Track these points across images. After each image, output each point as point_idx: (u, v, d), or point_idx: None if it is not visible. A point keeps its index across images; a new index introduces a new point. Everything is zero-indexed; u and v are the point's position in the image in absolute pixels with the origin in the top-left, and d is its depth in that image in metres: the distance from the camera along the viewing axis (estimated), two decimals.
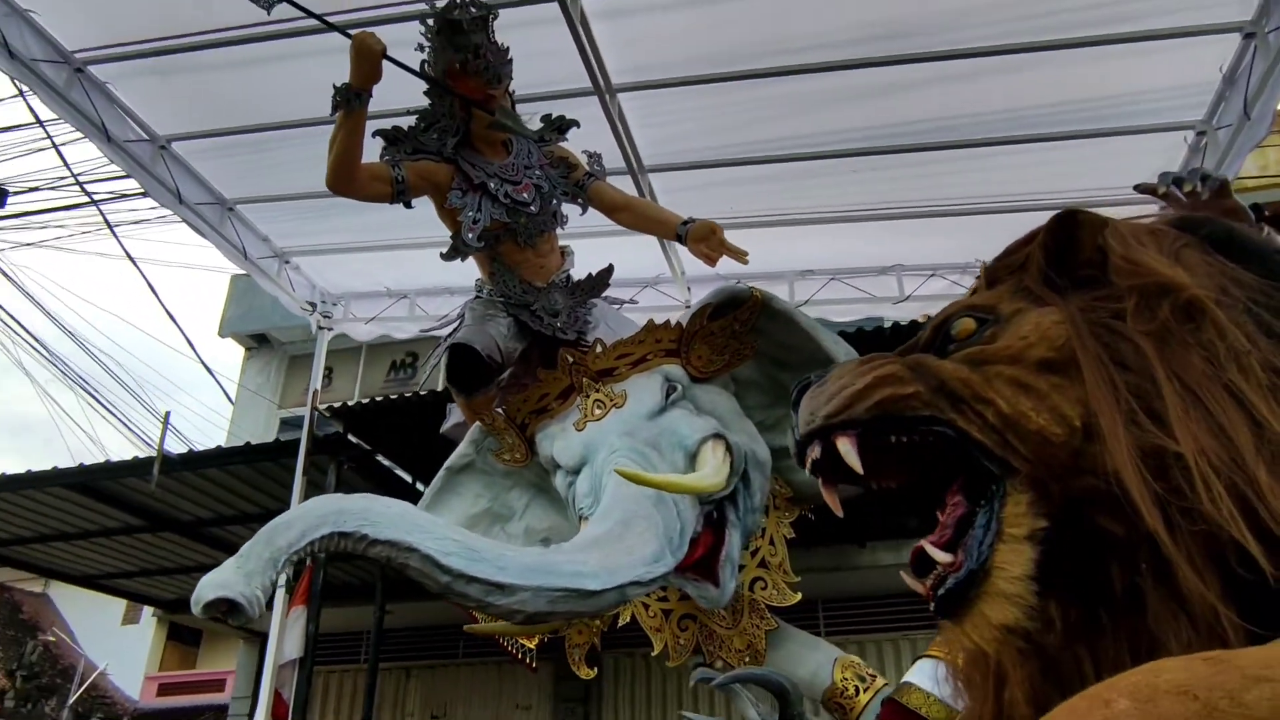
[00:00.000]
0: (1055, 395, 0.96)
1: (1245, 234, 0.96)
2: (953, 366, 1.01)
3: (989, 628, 0.93)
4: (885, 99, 3.87)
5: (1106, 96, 3.67)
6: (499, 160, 3.22)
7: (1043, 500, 0.96)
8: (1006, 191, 4.22)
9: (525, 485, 3.00)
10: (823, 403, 1.04)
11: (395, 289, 5.54)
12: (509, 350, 3.30)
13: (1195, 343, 0.88)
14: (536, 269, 3.40)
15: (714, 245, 3.11)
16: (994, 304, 1.06)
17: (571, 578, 1.90)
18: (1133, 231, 0.99)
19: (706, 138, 4.13)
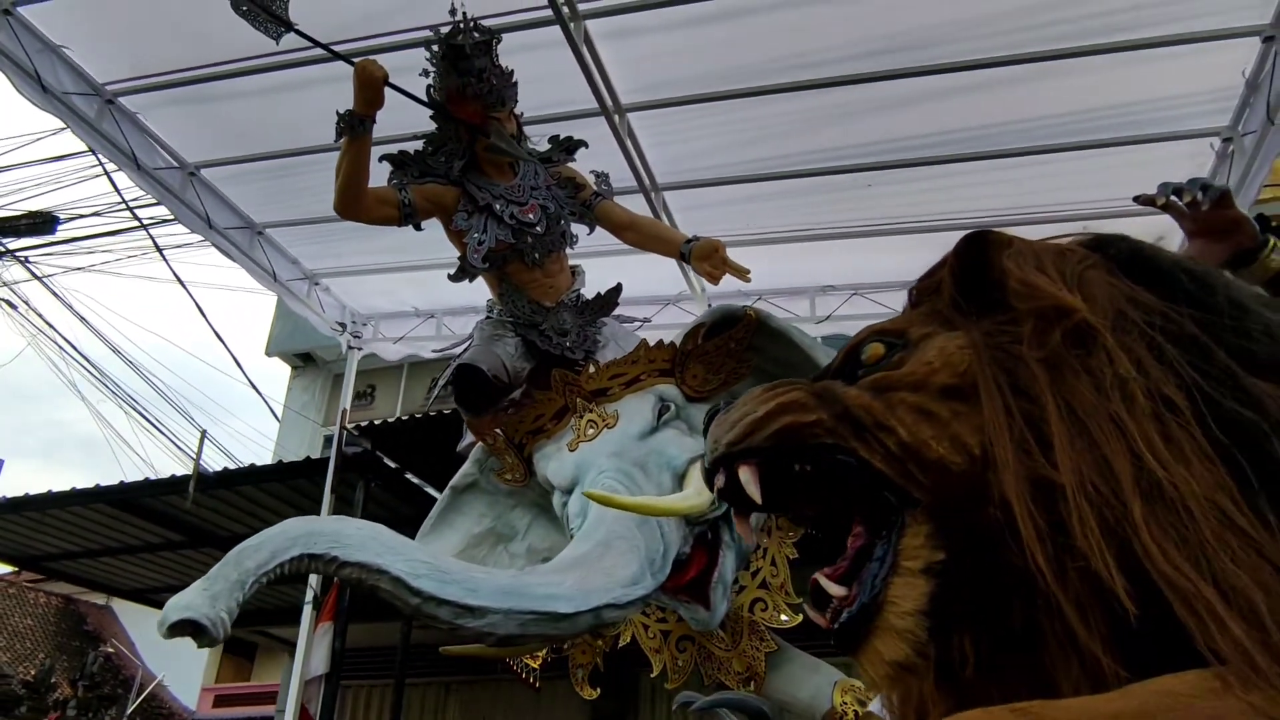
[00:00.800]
0: (957, 423, 0.93)
1: (1153, 253, 0.93)
2: (856, 393, 0.99)
3: (881, 664, 0.90)
4: (901, 112, 3.83)
5: (1129, 104, 3.57)
6: (505, 182, 3.26)
7: (943, 532, 0.93)
8: (1030, 203, 4.13)
9: (528, 505, 3.01)
10: (725, 431, 1.02)
11: (423, 309, 5.62)
12: (516, 370, 3.32)
13: (1084, 369, 0.84)
14: (545, 289, 3.42)
15: (716, 263, 3.10)
16: (904, 328, 1.03)
17: (543, 600, 1.90)
18: (1038, 252, 0.96)
19: (721, 155, 4.12)
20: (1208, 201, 1.98)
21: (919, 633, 0.89)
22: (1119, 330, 0.85)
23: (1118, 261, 0.94)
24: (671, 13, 3.35)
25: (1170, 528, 0.73)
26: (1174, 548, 0.72)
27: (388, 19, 3.45)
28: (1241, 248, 2.02)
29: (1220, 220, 2.00)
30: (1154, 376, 0.80)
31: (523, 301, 3.38)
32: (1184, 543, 0.72)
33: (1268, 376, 0.79)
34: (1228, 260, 2.06)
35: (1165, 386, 0.80)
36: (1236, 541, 0.70)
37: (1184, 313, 0.85)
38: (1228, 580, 0.68)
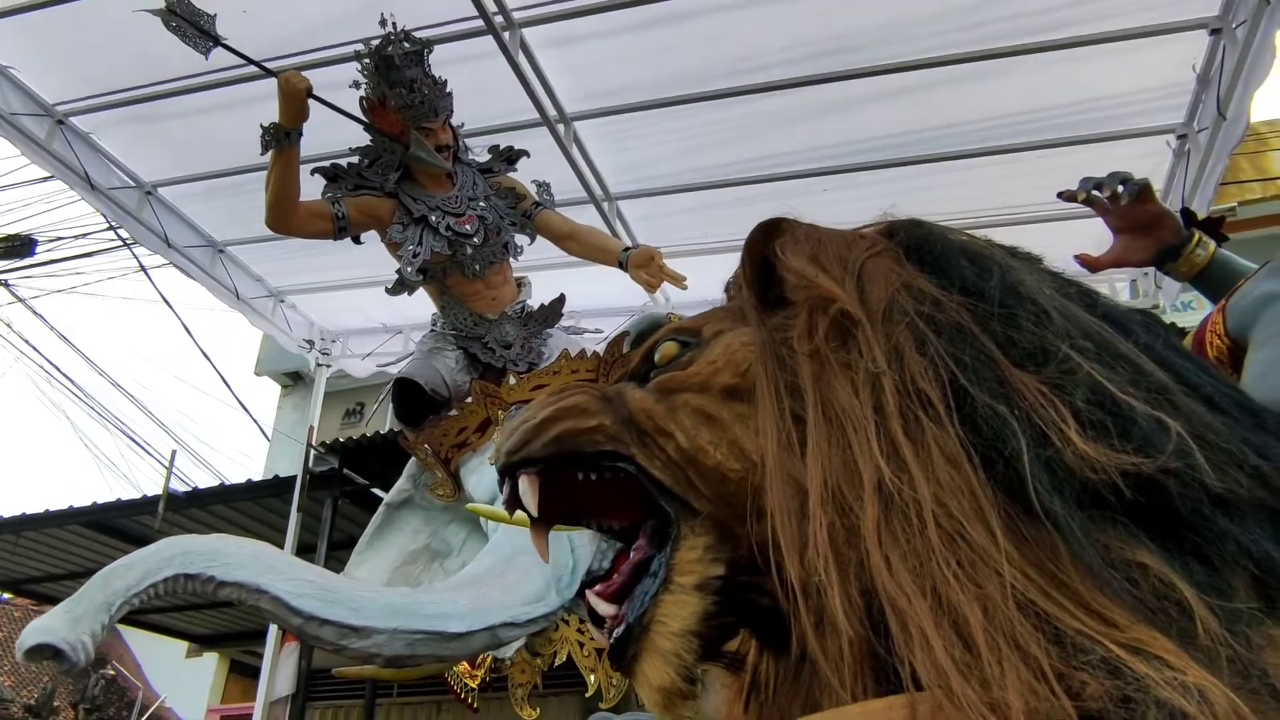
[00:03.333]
0: (738, 427, 0.87)
1: (936, 239, 0.86)
2: (640, 396, 0.92)
3: (649, 689, 0.83)
4: (853, 114, 3.77)
5: (1084, 101, 3.50)
6: (442, 193, 3.21)
7: (725, 543, 0.86)
8: (988, 206, 4.05)
9: (463, 521, 2.95)
10: (505, 438, 0.96)
11: (391, 324, 5.57)
12: (457, 384, 3.27)
13: (844, 364, 0.78)
14: (488, 301, 3.37)
15: (653, 271, 3.05)
16: (699, 326, 0.97)
17: (434, 619, 1.83)
18: (820, 240, 0.89)
19: (674, 162, 4.06)
20: (1127, 196, 1.90)
21: (686, 655, 0.82)
22: (888, 321, 0.79)
23: (905, 248, 0.87)
24: (611, 18, 3.31)
25: (900, 537, 0.66)
26: (900, 559, 0.65)
27: (323, 33, 3.42)
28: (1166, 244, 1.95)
29: (1143, 215, 1.93)
30: (910, 370, 0.73)
31: (464, 314, 3.33)
32: (911, 554, 0.64)
33: (1029, 366, 0.72)
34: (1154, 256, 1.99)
35: (921, 380, 0.73)
36: (965, 553, 0.63)
37: (956, 300, 0.78)
38: (947, 596, 0.61)
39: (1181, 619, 0.59)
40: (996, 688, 0.55)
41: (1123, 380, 0.71)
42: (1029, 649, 0.56)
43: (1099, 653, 0.55)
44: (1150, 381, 0.73)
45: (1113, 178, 1.95)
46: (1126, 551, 0.62)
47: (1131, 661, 0.54)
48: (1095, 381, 0.70)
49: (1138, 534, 0.64)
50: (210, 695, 17.48)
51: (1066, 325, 0.75)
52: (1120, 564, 0.62)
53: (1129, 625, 0.57)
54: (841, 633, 0.68)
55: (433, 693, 7.30)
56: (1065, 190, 2.04)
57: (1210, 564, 0.65)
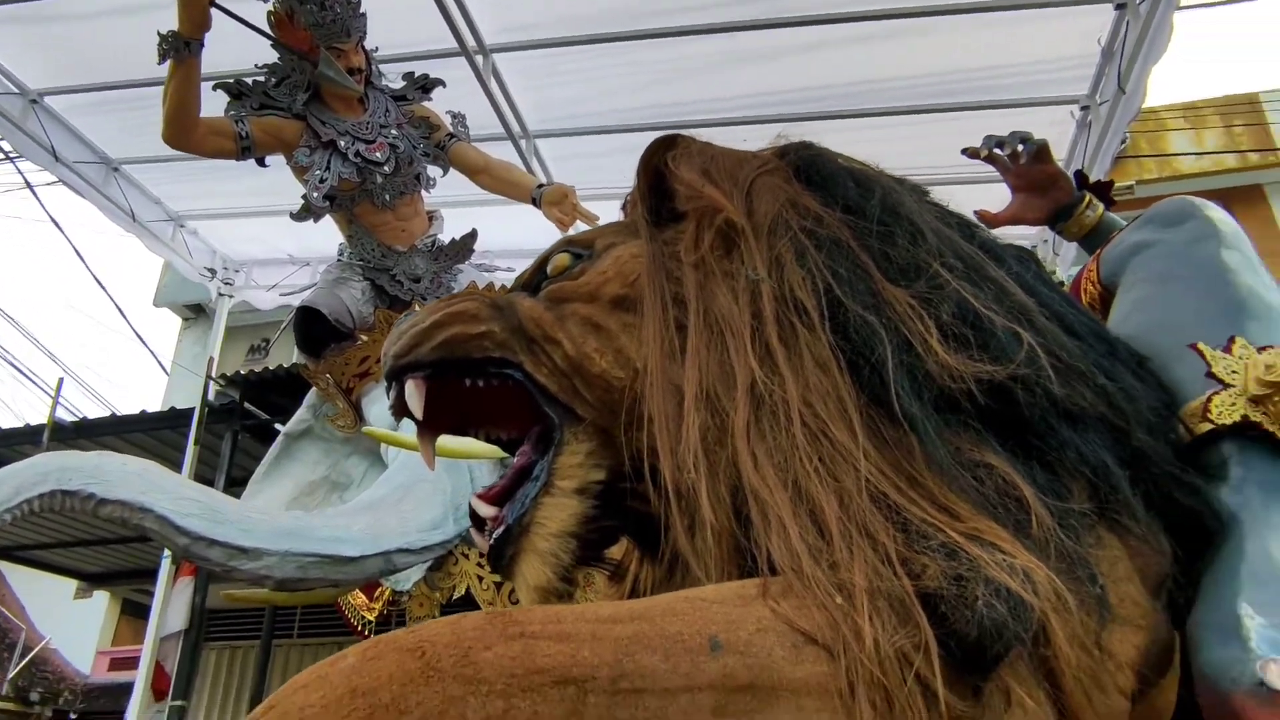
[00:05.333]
0: (624, 336, 0.88)
1: (825, 161, 0.88)
2: (531, 304, 0.92)
3: (526, 589, 0.85)
4: (775, 64, 3.77)
5: (995, 67, 3.59)
6: (353, 118, 3.11)
7: (607, 450, 0.88)
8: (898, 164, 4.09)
9: (364, 452, 2.91)
10: (394, 341, 0.95)
11: (299, 256, 5.39)
12: (363, 315, 3.20)
13: (726, 272, 0.79)
14: (397, 232, 3.29)
15: (566, 209, 3.02)
16: (592, 239, 0.97)
17: (327, 543, 1.82)
18: (713, 156, 0.90)
19: (596, 103, 4.01)
20: (1026, 155, 1.96)
21: (564, 556, 0.84)
22: (772, 233, 0.80)
23: (796, 168, 0.89)
24: None
25: (768, 435, 0.68)
26: (766, 455, 0.67)
27: None
28: (1060, 203, 2.02)
29: (1040, 175, 2.00)
30: (789, 279, 0.76)
31: (372, 244, 3.25)
32: (776, 450, 0.67)
33: (901, 281, 0.75)
34: (1048, 215, 2.06)
35: (799, 290, 0.75)
36: (827, 450, 0.66)
37: (838, 217, 0.80)
38: (806, 488, 0.64)
39: (1019, 513, 0.63)
40: (844, 570, 0.58)
41: (986, 298, 0.75)
42: (878, 536, 0.59)
43: (940, 539, 0.58)
44: (1013, 302, 0.77)
45: (1013, 136, 2.01)
46: (975, 453, 0.66)
47: (968, 546, 0.57)
48: (961, 297, 0.73)
49: (988, 438, 0.68)
50: (100, 637, 16.93)
51: (939, 245, 0.78)
52: (969, 464, 0.66)
53: (970, 516, 0.61)
54: (708, 524, 0.71)
55: (333, 633, 7.25)
56: (969, 147, 2.10)
57: (1052, 469, 0.69)
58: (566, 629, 0.52)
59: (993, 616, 0.53)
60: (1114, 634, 0.63)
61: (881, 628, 0.53)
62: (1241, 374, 0.88)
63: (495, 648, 0.49)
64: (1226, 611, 0.68)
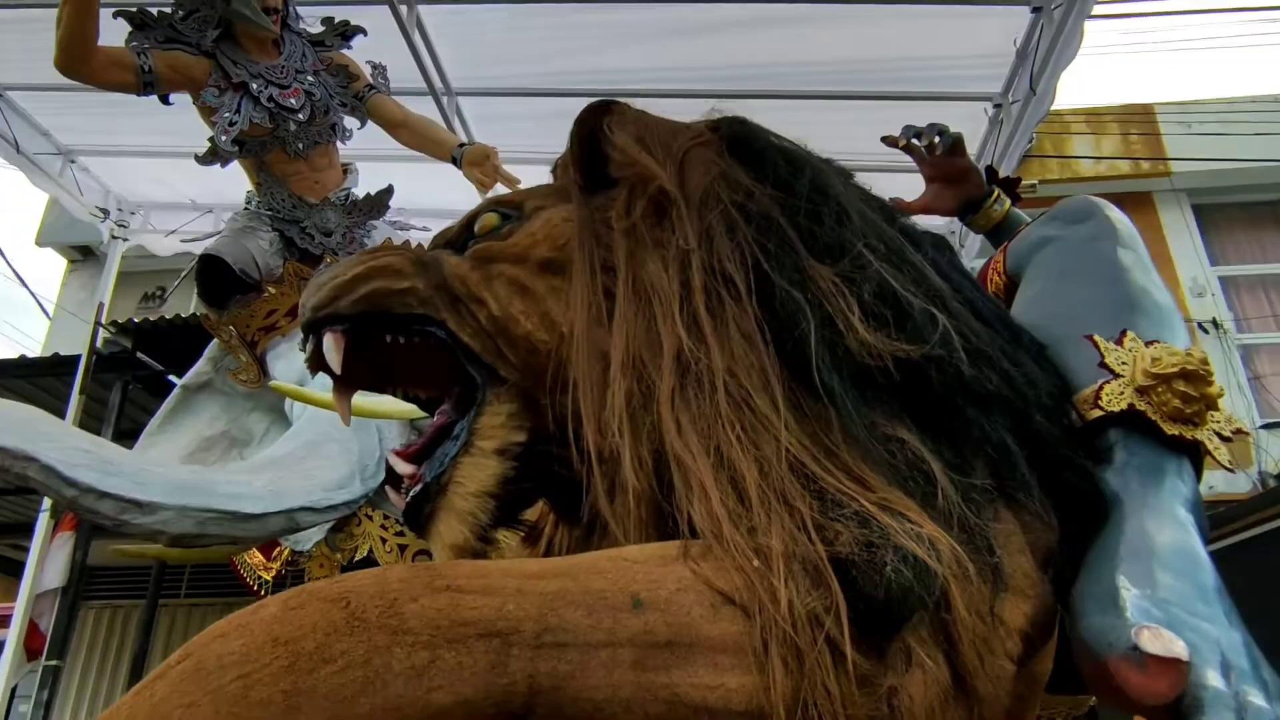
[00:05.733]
0: (551, 299, 0.88)
1: (759, 135, 0.89)
2: (457, 262, 0.91)
3: (443, 547, 0.84)
4: (705, 39, 3.78)
5: (914, 59, 3.68)
6: (267, 60, 2.98)
7: (529, 412, 0.88)
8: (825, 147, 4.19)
9: (266, 409, 2.82)
10: (312, 292, 0.93)
11: (202, 201, 5.15)
12: (270, 267, 3.09)
13: (657, 241, 0.80)
14: (310, 183, 3.18)
15: (488, 171, 2.98)
16: (522, 200, 0.97)
17: (227, 499, 1.76)
18: (648, 125, 0.91)
19: (523, 64, 3.94)
20: (942, 147, 2.03)
21: (481, 515, 0.84)
22: (703, 205, 0.82)
23: (729, 141, 0.90)
24: None
25: (692, 403, 0.69)
26: (689, 422, 0.68)
27: None
28: (970, 196, 2.10)
29: (953, 168, 2.06)
30: (718, 251, 0.77)
31: (283, 194, 3.14)
32: (700, 417, 0.69)
33: (826, 259, 0.77)
34: (958, 206, 2.13)
35: (727, 262, 0.76)
36: (749, 419, 0.67)
37: (768, 193, 0.82)
38: (728, 455, 0.66)
39: (927, 486, 0.66)
40: (762, 534, 0.60)
41: (906, 280, 0.78)
42: (795, 503, 0.62)
43: (854, 508, 0.61)
44: (929, 285, 0.80)
45: (931, 128, 2.07)
46: (889, 428, 0.69)
47: (879, 515, 0.60)
48: (882, 278, 0.76)
49: (901, 414, 0.71)
50: None
51: (864, 227, 0.80)
52: (882, 438, 0.68)
53: (882, 488, 0.64)
54: (630, 488, 0.72)
55: (223, 594, 7.04)
56: (888, 135, 2.16)
57: (958, 446, 0.73)
58: (493, 583, 0.53)
59: (900, 581, 0.56)
60: (1006, 603, 0.67)
61: (796, 590, 0.56)
62: (1130, 365, 0.93)
63: (421, 599, 0.49)
64: (1106, 583, 0.73)
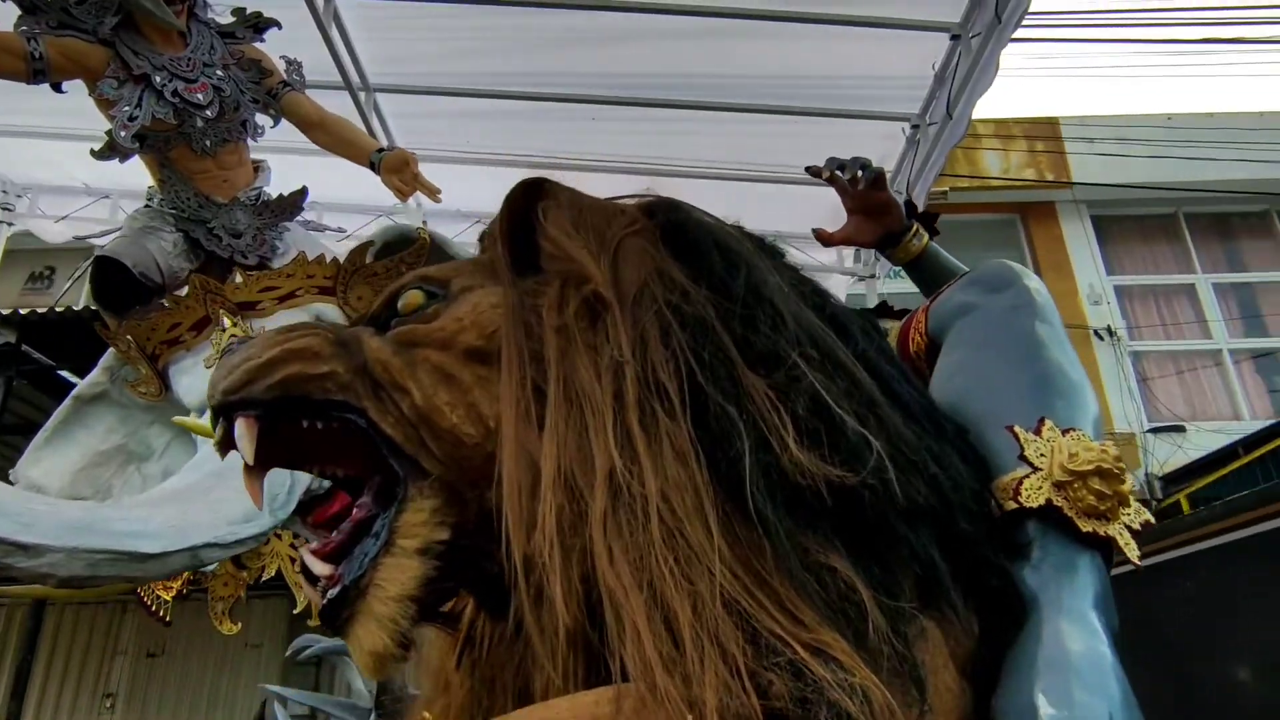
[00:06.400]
0: (478, 390, 0.85)
1: (693, 226, 0.88)
2: (379, 345, 0.87)
3: (360, 652, 0.81)
4: (630, 47, 3.75)
5: (837, 77, 3.73)
6: (172, 52, 2.82)
7: (453, 507, 0.84)
8: (748, 160, 4.24)
9: (167, 422, 2.68)
10: (224, 375, 0.87)
11: (96, 187, 4.88)
12: (173, 270, 2.94)
13: (591, 345, 0.78)
14: (218, 182, 3.03)
15: (407, 179, 2.89)
16: (449, 277, 0.93)
17: (123, 538, 1.67)
18: (583, 210, 0.88)
19: (444, 63, 3.85)
20: (864, 181, 2.06)
21: (402, 621, 0.80)
22: (638, 305, 0.80)
23: (663, 229, 0.88)
24: None
25: (625, 530, 0.68)
26: (622, 552, 0.67)
27: None
28: (890, 230, 2.13)
29: (875, 201, 2.09)
30: (653, 361, 0.75)
31: (188, 193, 2.98)
32: (633, 547, 0.67)
33: (761, 369, 0.77)
34: (878, 239, 2.17)
35: (661, 372, 0.75)
36: (683, 549, 0.66)
37: (703, 294, 0.81)
38: (662, 591, 0.64)
39: (858, 620, 0.66)
40: (696, 684, 0.59)
41: (839, 391, 0.78)
42: (729, 647, 0.61)
43: (787, 655, 0.60)
44: (861, 393, 0.80)
45: (854, 162, 2.10)
46: (822, 555, 0.69)
47: (813, 664, 0.60)
48: (816, 391, 0.75)
49: (833, 539, 0.71)
50: None
51: (798, 332, 0.80)
52: (815, 566, 0.68)
53: (815, 626, 0.63)
54: (559, 619, 0.70)
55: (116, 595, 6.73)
56: (812, 166, 2.18)
57: (887, 565, 0.73)
58: None
59: None
60: None
61: None
62: (1048, 457, 0.96)
63: None
64: (1024, 699, 0.75)
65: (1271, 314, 9.01)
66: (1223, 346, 8.86)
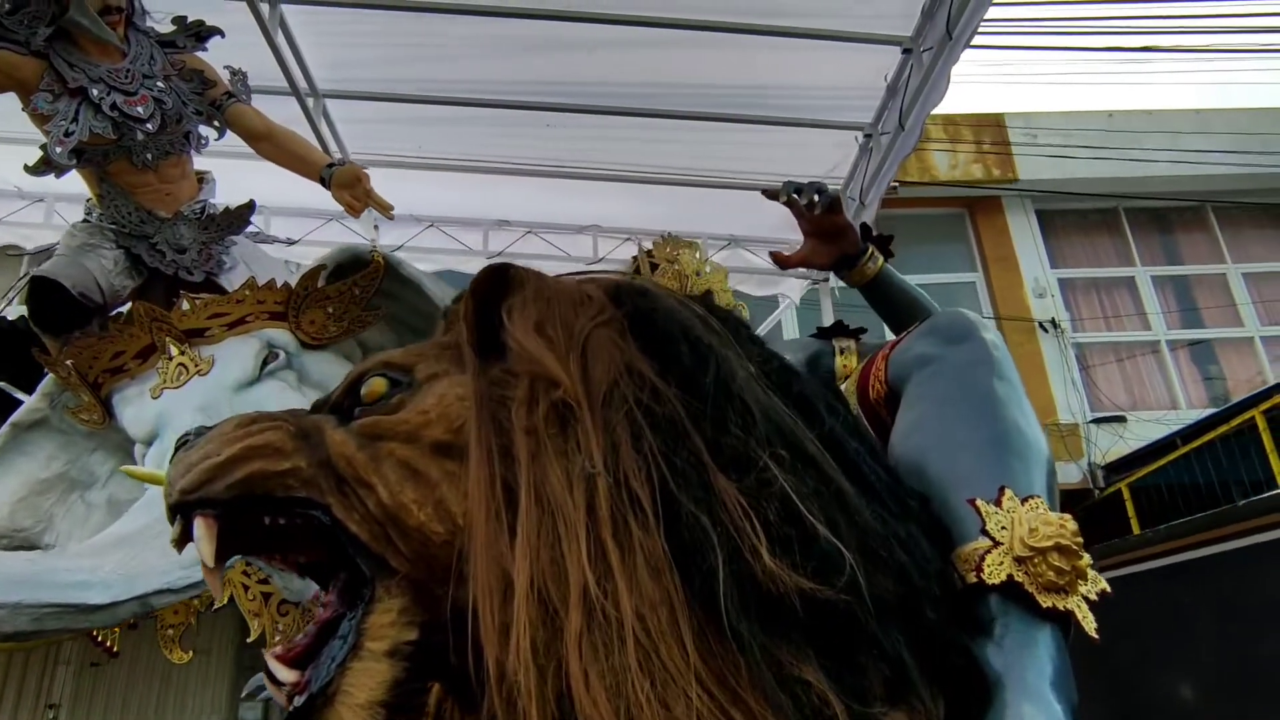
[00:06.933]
0: (446, 486, 0.84)
1: (662, 315, 0.87)
2: (342, 439, 0.86)
3: None
4: (585, 55, 3.72)
5: (790, 86, 3.75)
6: (109, 63, 2.72)
7: (421, 606, 0.83)
8: (702, 166, 4.25)
9: (112, 448, 2.61)
10: (180, 474, 0.85)
11: (30, 190, 4.71)
12: (115, 289, 2.86)
13: (562, 451, 0.77)
14: (160, 196, 2.94)
15: (359, 194, 2.83)
16: (413, 364, 0.91)
17: (69, 590, 1.62)
18: (550, 300, 0.87)
19: (395, 69, 3.78)
20: (820, 206, 2.07)
21: None
22: (608, 406, 0.79)
23: (630, 319, 0.88)
24: None
25: (600, 652, 0.67)
26: (598, 677, 0.66)
27: None
28: (845, 253, 2.15)
29: (830, 224, 2.11)
30: (625, 468, 0.75)
31: (129, 207, 2.89)
32: (609, 671, 0.67)
33: (731, 473, 0.77)
34: (834, 262, 2.19)
35: (634, 480, 0.74)
36: (659, 672, 0.66)
37: (673, 393, 0.80)
38: (639, 715, 0.64)
39: None
40: None
41: (809, 491, 0.78)
42: None
43: None
44: (830, 489, 0.80)
45: (811, 187, 2.11)
46: (795, 668, 0.69)
47: None
48: (786, 494, 0.76)
49: (805, 649, 0.71)
50: None
51: (767, 430, 0.80)
52: (789, 680, 0.69)
53: None
54: None
55: None
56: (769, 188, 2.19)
57: (858, 669, 0.74)
58: None
59: None
60: None
61: None
62: (1009, 530, 0.98)
63: None
64: None
65: (1206, 306, 9.31)
66: (1161, 337, 9.13)
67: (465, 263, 4.81)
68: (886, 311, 2.20)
